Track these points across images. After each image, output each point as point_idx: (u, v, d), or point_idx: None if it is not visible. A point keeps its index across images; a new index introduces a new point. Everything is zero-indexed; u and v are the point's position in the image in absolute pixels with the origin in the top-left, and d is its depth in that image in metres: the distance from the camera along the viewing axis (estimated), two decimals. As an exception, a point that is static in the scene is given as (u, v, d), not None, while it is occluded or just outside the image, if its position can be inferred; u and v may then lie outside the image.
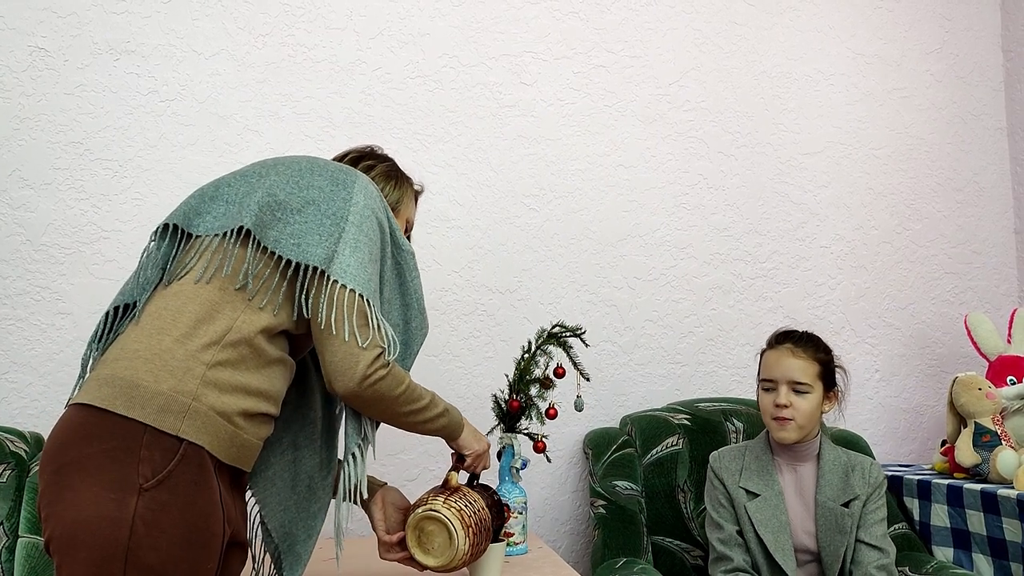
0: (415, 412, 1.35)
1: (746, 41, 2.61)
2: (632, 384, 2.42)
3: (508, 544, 1.86)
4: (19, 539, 1.75)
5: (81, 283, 2.08)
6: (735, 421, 2.25)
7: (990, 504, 2.01)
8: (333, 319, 1.23)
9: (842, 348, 2.55)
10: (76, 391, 1.25)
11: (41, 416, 2.03)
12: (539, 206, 2.40)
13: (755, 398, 1.91)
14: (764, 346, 1.92)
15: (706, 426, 2.23)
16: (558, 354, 1.88)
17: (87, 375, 1.28)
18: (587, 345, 1.93)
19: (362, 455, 1.34)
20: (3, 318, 2.04)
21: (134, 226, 2.13)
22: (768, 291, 2.56)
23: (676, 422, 2.23)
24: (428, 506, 1.43)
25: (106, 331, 1.29)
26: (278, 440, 1.40)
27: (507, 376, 1.90)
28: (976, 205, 2.77)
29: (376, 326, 1.26)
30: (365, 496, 1.31)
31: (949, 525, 2.13)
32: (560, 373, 1.87)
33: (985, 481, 2.11)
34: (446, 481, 1.50)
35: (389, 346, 1.28)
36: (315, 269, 1.25)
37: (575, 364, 1.87)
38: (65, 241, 2.09)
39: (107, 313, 1.30)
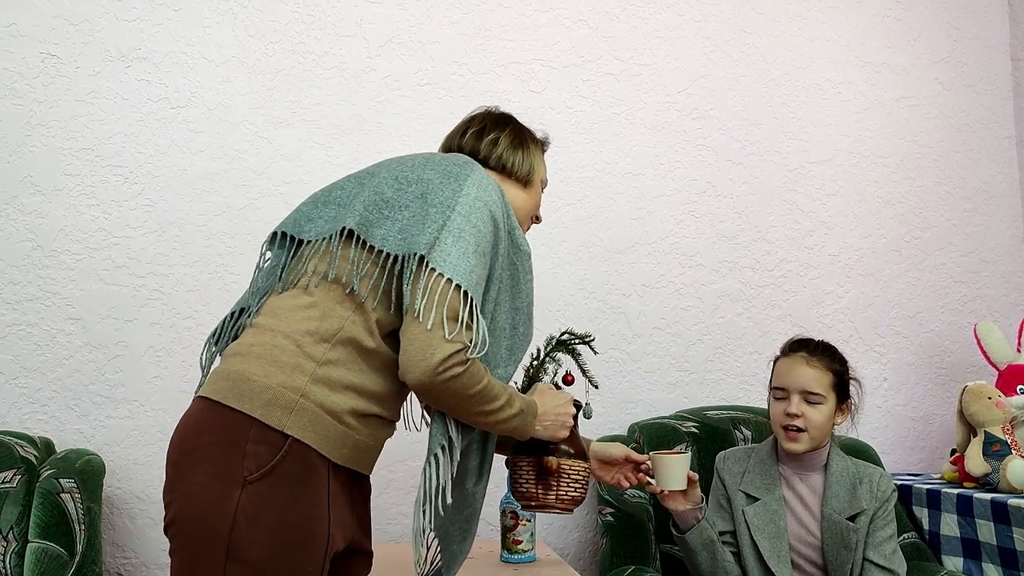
0: (488, 413, 1.27)
1: (755, 49, 2.61)
2: (640, 392, 2.41)
3: (516, 552, 1.86)
4: (28, 544, 1.74)
5: (91, 289, 2.09)
6: (743, 429, 2.24)
7: (1000, 514, 2.00)
8: (423, 306, 1.17)
9: (851, 357, 2.49)
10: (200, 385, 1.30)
11: (50, 421, 2.03)
12: (547, 213, 2.40)
13: (764, 406, 1.90)
14: (778, 353, 1.90)
15: (714, 434, 2.22)
16: (567, 361, 1.87)
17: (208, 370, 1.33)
18: (596, 352, 1.92)
19: (447, 457, 1.26)
20: (13, 323, 2.04)
21: (144, 232, 2.13)
22: (776, 299, 2.55)
23: (684, 430, 2.23)
24: (540, 503, 1.49)
25: (224, 332, 1.34)
26: None
27: (516, 383, 1.90)
28: (985, 213, 2.77)
29: (464, 321, 1.19)
30: (449, 501, 1.24)
31: (959, 535, 2.12)
32: (569, 380, 1.86)
33: (995, 491, 2.10)
34: (544, 466, 1.48)
35: (476, 345, 1.21)
36: (415, 255, 1.21)
37: (584, 371, 1.86)
38: (75, 247, 2.09)
39: (226, 317, 1.35)
